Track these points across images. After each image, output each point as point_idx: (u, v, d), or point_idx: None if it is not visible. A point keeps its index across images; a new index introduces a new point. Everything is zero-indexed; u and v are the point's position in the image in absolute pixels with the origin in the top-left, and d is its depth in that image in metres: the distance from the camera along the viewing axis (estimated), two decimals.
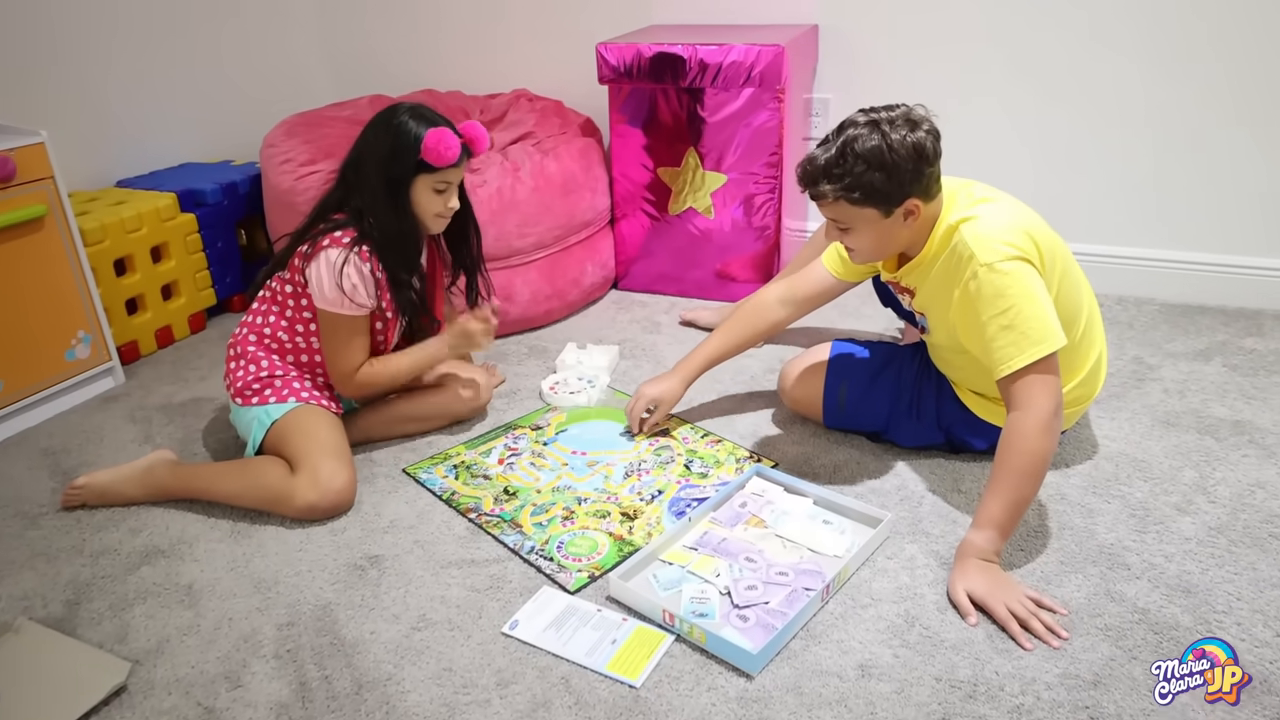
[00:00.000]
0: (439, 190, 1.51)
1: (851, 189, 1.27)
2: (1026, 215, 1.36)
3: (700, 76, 2.07)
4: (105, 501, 1.55)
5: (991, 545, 1.25)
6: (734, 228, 2.22)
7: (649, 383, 1.69)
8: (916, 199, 1.29)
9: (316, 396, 1.58)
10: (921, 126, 1.27)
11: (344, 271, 1.48)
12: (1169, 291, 2.15)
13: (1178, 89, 2.02)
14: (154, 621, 1.29)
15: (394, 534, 1.45)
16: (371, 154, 1.49)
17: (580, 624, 1.24)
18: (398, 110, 1.49)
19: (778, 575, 1.30)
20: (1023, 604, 1.19)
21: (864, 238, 1.35)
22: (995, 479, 1.26)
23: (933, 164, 1.29)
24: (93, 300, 1.89)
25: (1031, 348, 1.25)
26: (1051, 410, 1.25)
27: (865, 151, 1.25)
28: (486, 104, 2.49)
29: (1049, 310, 1.28)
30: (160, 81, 2.40)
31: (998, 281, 1.27)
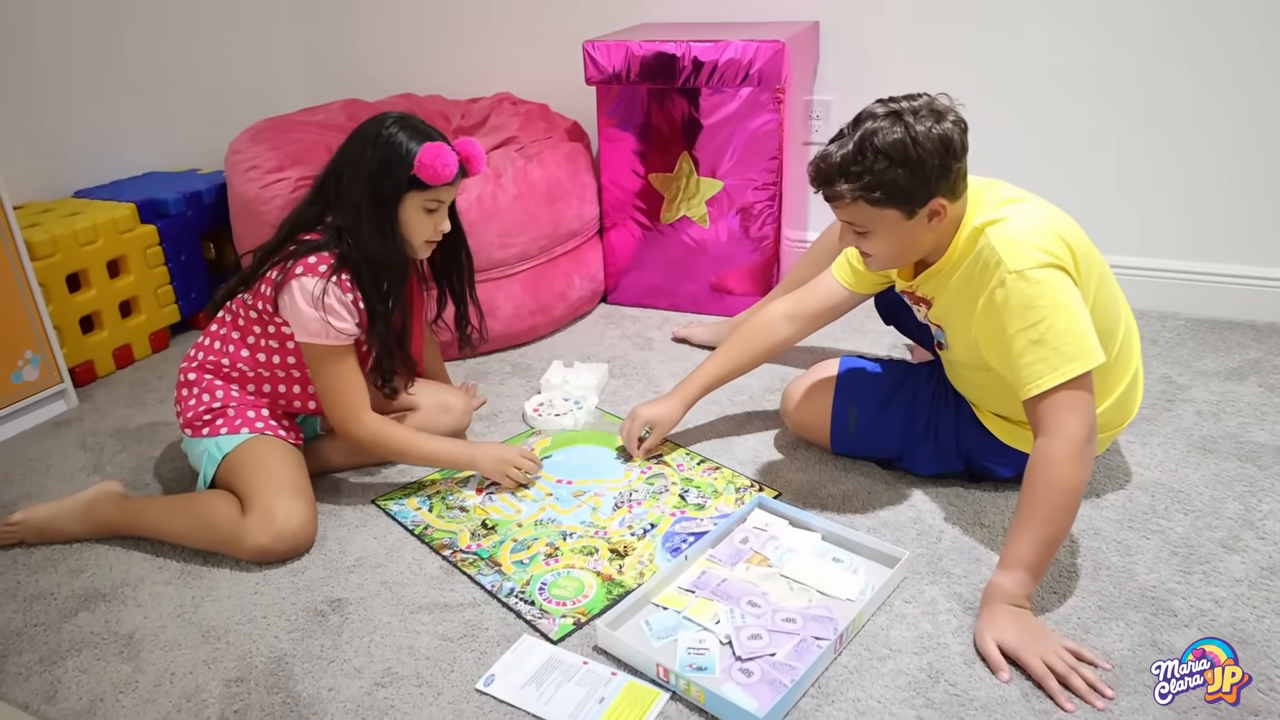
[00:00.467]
0: (430, 210, 1.39)
1: (872, 188, 1.15)
2: (1060, 218, 1.24)
3: (694, 76, 1.95)
4: (45, 539, 1.42)
5: (1022, 589, 1.12)
6: (730, 238, 2.09)
7: (645, 404, 1.57)
8: (943, 198, 1.17)
9: (273, 426, 1.44)
10: (947, 117, 1.15)
11: (325, 303, 1.34)
12: (1194, 305, 2.04)
13: (1205, 91, 1.91)
14: (87, 677, 1.15)
15: (360, 574, 1.32)
16: (356, 167, 1.36)
17: (564, 679, 1.11)
18: (385, 121, 1.37)
19: (784, 622, 1.17)
20: (1061, 657, 1.06)
21: (883, 242, 1.23)
22: (1022, 514, 1.13)
23: (960, 159, 1.17)
24: (41, 318, 1.76)
25: (1064, 365, 1.13)
26: (1084, 435, 1.12)
27: (887, 146, 1.13)
28: (468, 108, 2.37)
29: (1085, 323, 1.15)
30: (122, 86, 2.27)
31: (1028, 291, 1.15)
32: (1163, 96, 1.95)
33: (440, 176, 1.34)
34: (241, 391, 1.46)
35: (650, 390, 1.83)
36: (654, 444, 1.57)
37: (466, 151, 1.39)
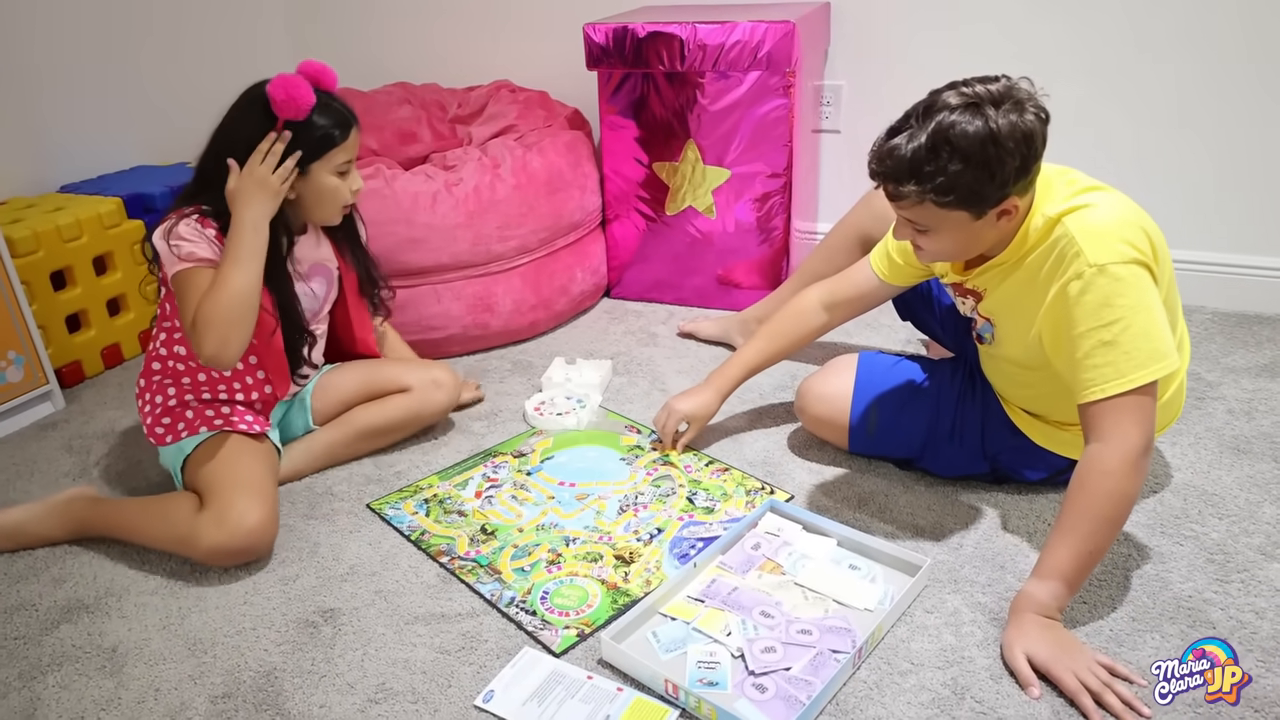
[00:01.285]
0: (343, 173, 1.35)
1: (944, 190, 1.04)
2: (1139, 210, 1.14)
3: (700, 59, 1.88)
4: (17, 544, 1.36)
5: (1055, 600, 1.06)
6: (738, 229, 2.03)
7: (679, 397, 1.50)
8: (1017, 197, 1.07)
9: (233, 422, 1.38)
10: (1029, 107, 1.03)
11: (174, 230, 1.28)
12: (1221, 299, 1.96)
13: (1232, 76, 1.84)
14: (68, 694, 1.10)
15: (353, 582, 1.27)
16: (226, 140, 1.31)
17: (567, 695, 1.05)
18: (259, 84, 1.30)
19: (799, 634, 1.11)
20: (1095, 672, 1.00)
21: (945, 241, 1.13)
22: (1065, 522, 1.06)
23: (1041, 155, 1.06)
24: (24, 317, 1.70)
25: (1133, 371, 1.04)
26: (1143, 446, 1.04)
27: (965, 144, 1.01)
28: (465, 97, 2.30)
29: (1162, 327, 1.07)
30: (109, 78, 2.21)
31: (1107, 288, 1.05)
32: (1189, 81, 1.87)
33: (299, 103, 1.26)
34: (194, 382, 1.40)
35: (655, 388, 1.77)
36: (692, 438, 1.50)
37: (310, 70, 1.32)
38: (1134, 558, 1.22)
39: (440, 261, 1.82)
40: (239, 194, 1.29)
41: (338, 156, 1.34)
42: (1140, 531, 1.27)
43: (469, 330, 1.89)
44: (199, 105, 2.35)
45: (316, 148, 1.32)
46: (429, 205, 1.79)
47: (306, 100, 1.28)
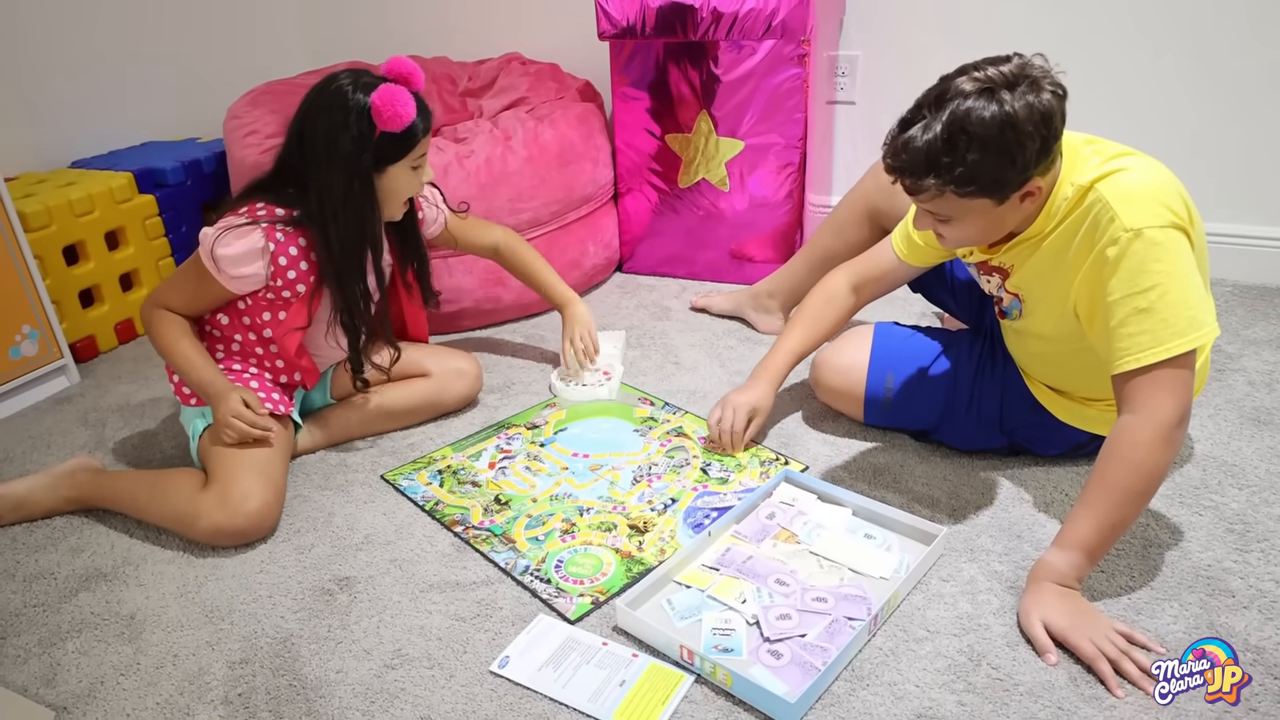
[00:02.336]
0: (416, 167, 1.34)
1: (965, 181, 1.01)
2: (1173, 176, 1.11)
3: (714, 28, 1.86)
4: (21, 515, 1.37)
5: (1074, 570, 1.05)
6: (751, 202, 2.01)
7: (737, 392, 1.44)
8: (1039, 178, 1.05)
9: (261, 399, 1.38)
10: (1045, 85, 1.00)
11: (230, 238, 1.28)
12: (1242, 271, 1.94)
13: (1252, 45, 1.80)
14: (88, 659, 1.11)
15: (369, 551, 1.27)
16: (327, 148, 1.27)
17: (582, 661, 1.05)
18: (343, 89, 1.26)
19: (814, 601, 1.11)
20: (1112, 640, 0.99)
21: (968, 229, 1.10)
22: (1091, 493, 1.04)
23: (1060, 131, 1.03)
24: (38, 291, 1.70)
25: (1171, 340, 1.01)
26: (1177, 418, 1.02)
27: (982, 131, 0.98)
28: (475, 70, 2.29)
29: (1200, 294, 1.04)
30: (120, 54, 2.20)
31: (1143, 253, 1.02)
32: (1208, 51, 1.84)
33: (402, 118, 1.25)
34: (228, 354, 1.41)
35: (669, 361, 1.76)
36: (756, 432, 1.45)
37: (400, 70, 1.29)
38: (1153, 527, 1.21)
39: None
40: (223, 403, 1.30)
41: (416, 153, 1.32)
42: (1159, 502, 1.26)
43: (481, 304, 1.89)
44: (209, 80, 2.37)
45: (401, 148, 1.30)
46: (440, 178, 1.78)
47: (409, 115, 1.26)
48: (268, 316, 1.36)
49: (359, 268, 1.35)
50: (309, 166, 1.29)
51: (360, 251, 1.34)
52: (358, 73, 1.29)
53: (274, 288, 1.33)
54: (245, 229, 1.29)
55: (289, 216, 1.31)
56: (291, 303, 1.35)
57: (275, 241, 1.30)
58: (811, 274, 1.68)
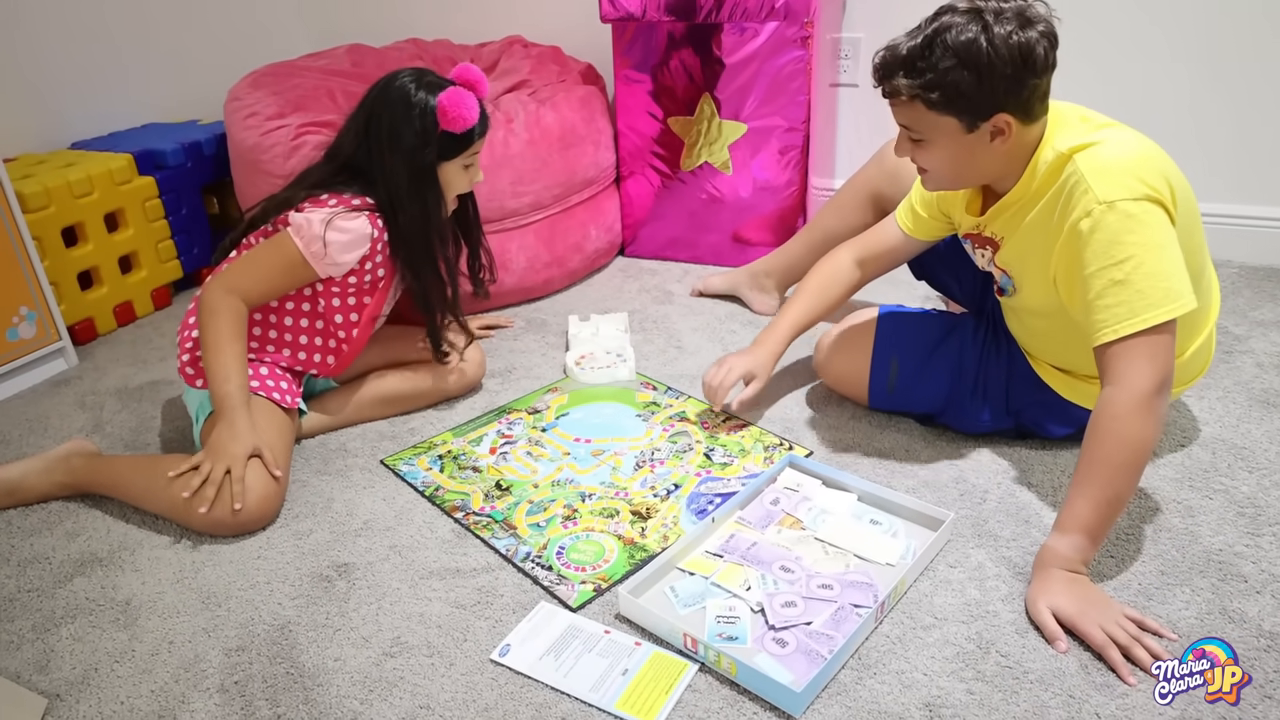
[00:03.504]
0: (468, 165, 1.39)
1: (931, 87, 1.04)
2: (1157, 150, 1.11)
3: (716, 10, 1.83)
4: (15, 500, 1.35)
5: (1079, 554, 1.03)
6: (754, 185, 1.99)
7: (734, 355, 1.44)
8: (1010, 115, 1.06)
9: (269, 387, 1.36)
10: (1035, 26, 1.03)
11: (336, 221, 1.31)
12: (1247, 252, 1.92)
13: (1259, 28, 1.77)
14: (82, 645, 1.09)
15: (368, 537, 1.25)
16: (391, 143, 1.33)
17: (584, 649, 1.03)
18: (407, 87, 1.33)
19: (820, 588, 1.09)
20: (1122, 626, 0.98)
21: (938, 154, 1.12)
22: (1082, 472, 1.04)
23: (1040, 75, 1.04)
24: (36, 273, 1.68)
25: (1146, 310, 1.02)
26: (1154, 386, 1.01)
27: (958, 44, 1.02)
28: (477, 53, 2.26)
29: (1177, 266, 1.03)
30: (119, 34, 2.18)
31: (1116, 225, 1.03)
32: (1216, 31, 1.81)
33: (466, 121, 1.31)
34: (259, 352, 1.40)
35: (671, 345, 1.74)
36: (752, 396, 1.44)
37: (470, 78, 1.35)
38: (1163, 511, 1.20)
39: None
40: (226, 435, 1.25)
41: (470, 153, 1.38)
42: (1168, 485, 1.25)
43: None
44: (209, 62, 2.34)
45: (457, 146, 1.35)
46: None
47: (472, 120, 1.32)
48: (338, 304, 1.39)
49: (429, 254, 1.40)
50: (374, 158, 1.35)
51: (428, 238, 1.38)
52: (420, 72, 1.36)
53: (358, 273, 1.37)
54: (354, 216, 1.32)
55: (375, 205, 1.35)
56: (375, 289, 1.40)
57: (378, 228, 1.35)
58: (810, 255, 1.68)
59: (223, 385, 1.28)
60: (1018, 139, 1.09)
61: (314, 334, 1.42)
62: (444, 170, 1.37)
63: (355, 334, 1.43)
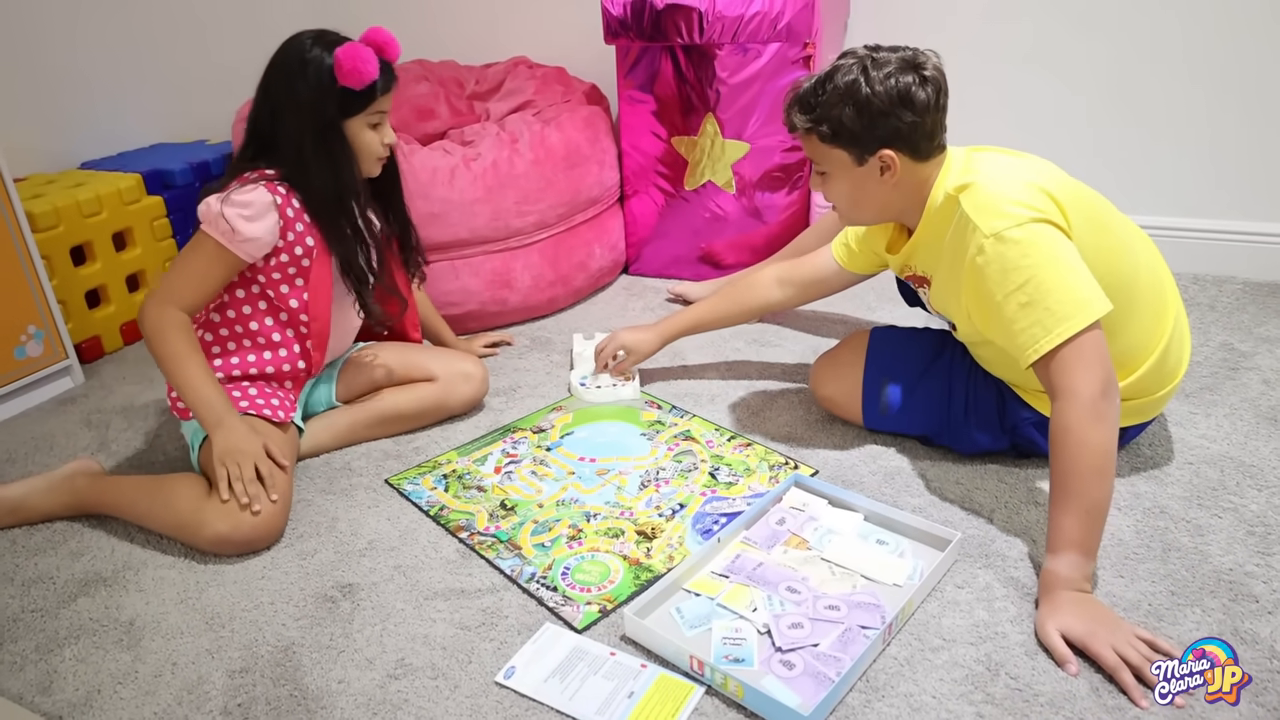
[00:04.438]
0: (374, 125, 1.33)
1: (819, 121, 1.16)
2: (1040, 170, 1.16)
3: (719, 31, 1.85)
4: (18, 519, 1.35)
5: (1077, 570, 1.03)
6: (758, 204, 1.99)
7: (627, 329, 1.61)
8: (894, 151, 1.15)
9: (259, 405, 1.36)
10: (920, 71, 1.12)
11: (234, 195, 1.27)
12: (1251, 268, 1.91)
13: (1260, 43, 1.78)
14: (85, 667, 1.09)
15: (372, 557, 1.25)
16: (287, 101, 1.29)
17: (589, 671, 1.03)
18: (301, 44, 1.29)
19: (827, 609, 1.08)
20: (1133, 646, 0.97)
21: (838, 187, 1.22)
22: (1054, 490, 1.06)
23: (920, 115, 1.13)
24: (44, 291, 1.69)
25: (1059, 325, 1.06)
26: (1097, 391, 1.04)
27: (843, 84, 1.13)
28: (482, 73, 2.28)
29: (1077, 276, 1.07)
30: (129, 56, 2.20)
31: (1007, 254, 1.08)
32: (1216, 49, 1.82)
33: (364, 75, 1.26)
34: (225, 359, 1.38)
35: (676, 363, 1.74)
36: (623, 369, 1.61)
37: (377, 40, 1.31)
38: (1170, 531, 1.19)
39: (459, 236, 1.80)
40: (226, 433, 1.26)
41: (373, 110, 1.32)
42: (1176, 504, 1.24)
43: (487, 306, 1.87)
44: (217, 84, 2.36)
45: (359, 103, 1.31)
46: (447, 180, 1.76)
47: (371, 75, 1.28)
48: (286, 289, 1.36)
49: (345, 213, 1.35)
50: (276, 121, 1.31)
51: (342, 198, 1.34)
52: (321, 31, 1.32)
53: (286, 247, 1.33)
54: (248, 189, 1.29)
55: (277, 175, 1.32)
56: (308, 268, 1.35)
57: (279, 195, 1.31)
58: None
59: (199, 397, 1.27)
60: (908, 175, 1.17)
61: (279, 328, 1.39)
62: (349, 128, 1.31)
63: (318, 317, 1.38)
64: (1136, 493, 1.27)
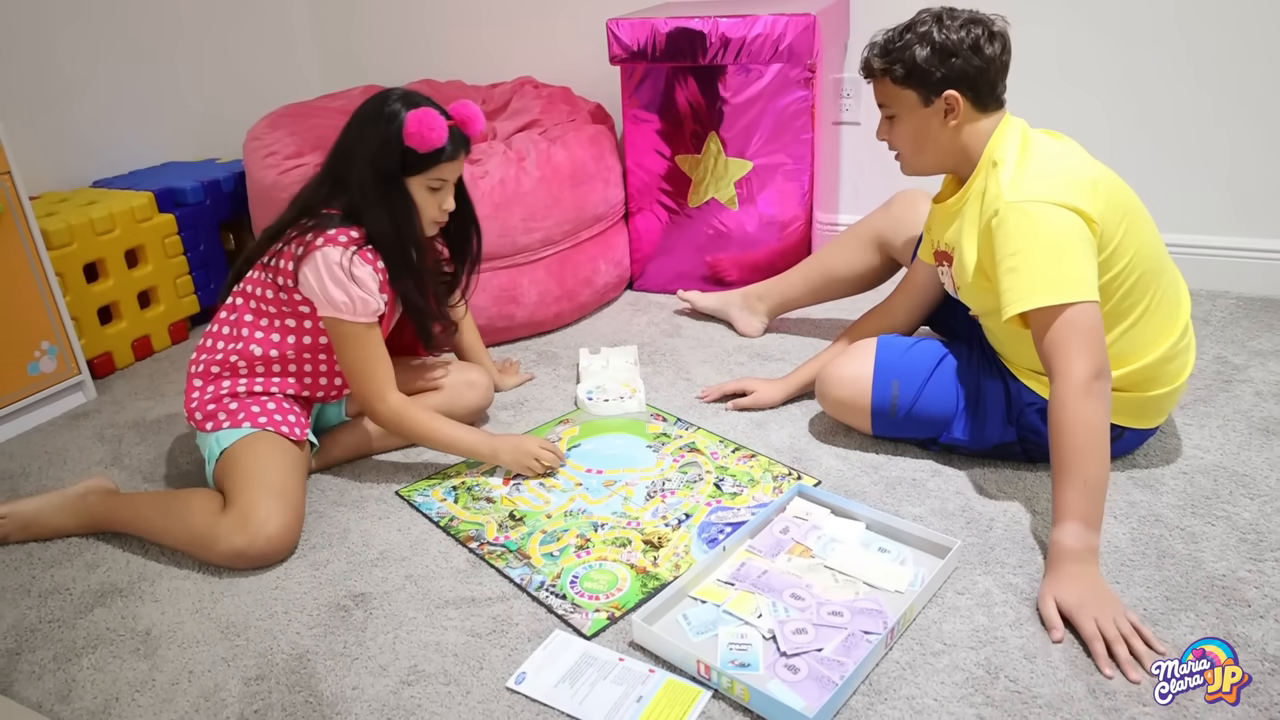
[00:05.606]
0: (433, 189, 1.36)
1: (894, 62, 1.26)
2: (1095, 170, 1.22)
3: (722, 53, 1.89)
4: (31, 534, 1.37)
5: (1082, 541, 1.08)
6: (760, 220, 2.03)
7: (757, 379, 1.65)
8: (958, 91, 1.24)
9: (276, 421, 1.38)
10: (986, 25, 1.24)
11: (353, 274, 1.31)
12: (1246, 283, 1.95)
13: (1255, 58, 1.82)
14: (103, 675, 1.11)
15: (384, 567, 1.27)
16: (359, 148, 1.34)
17: (599, 677, 1.05)
18: (387, 97, 1.34)
19: (830, 615, 1.11)
20: (1117, 624, 1.02)
21: (904, 129, 1.31)
22: (1055, 464, 1.13)
23: (986, 62, 1.24)
24: (58, 308, 1.72)
25: (1033, 295, 1.15)
26: (1090, 372, 1.11)
27: (920, 32, 1.25)
28: (489, 93, 2.32)
29: (1073, 264, 1.14)
30: (140, 76, 2.24)
31: (1017, 221, 1.17)
32: (1212, 64, 1.86)
33: (429, 142, 1.30)
34: (250, 379, 1.41)
35: (680, 378, 1.77)
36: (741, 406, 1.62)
37: (461, 114, 1.35)
38: (1165, 538, 1.21)
39: None
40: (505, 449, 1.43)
41: (432, 175, 1.36)
42: (1171, 512, 1.27)
43: (494, 321, 1.90)
44: (227, 103, 2.41)
45: (420, 164, 1.33)
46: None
47: (435, 142, 1.31)
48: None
49: (407, 258, 1.38)
50: (346, 159, 1.36)
51: (404, 248, 1.37)
52: (412, 92, 1.36)
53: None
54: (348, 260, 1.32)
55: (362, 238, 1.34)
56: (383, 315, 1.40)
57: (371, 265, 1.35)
58: (806, 285, 1.82)
59: (465, 445, 1.43)
60: (968, 122, 1.27)
61: (327, 362, 1.44)
62: (410, 185, 1.35)
63: None
64: (1132, 501, 1.29)
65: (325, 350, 1.43)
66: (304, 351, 1.42)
